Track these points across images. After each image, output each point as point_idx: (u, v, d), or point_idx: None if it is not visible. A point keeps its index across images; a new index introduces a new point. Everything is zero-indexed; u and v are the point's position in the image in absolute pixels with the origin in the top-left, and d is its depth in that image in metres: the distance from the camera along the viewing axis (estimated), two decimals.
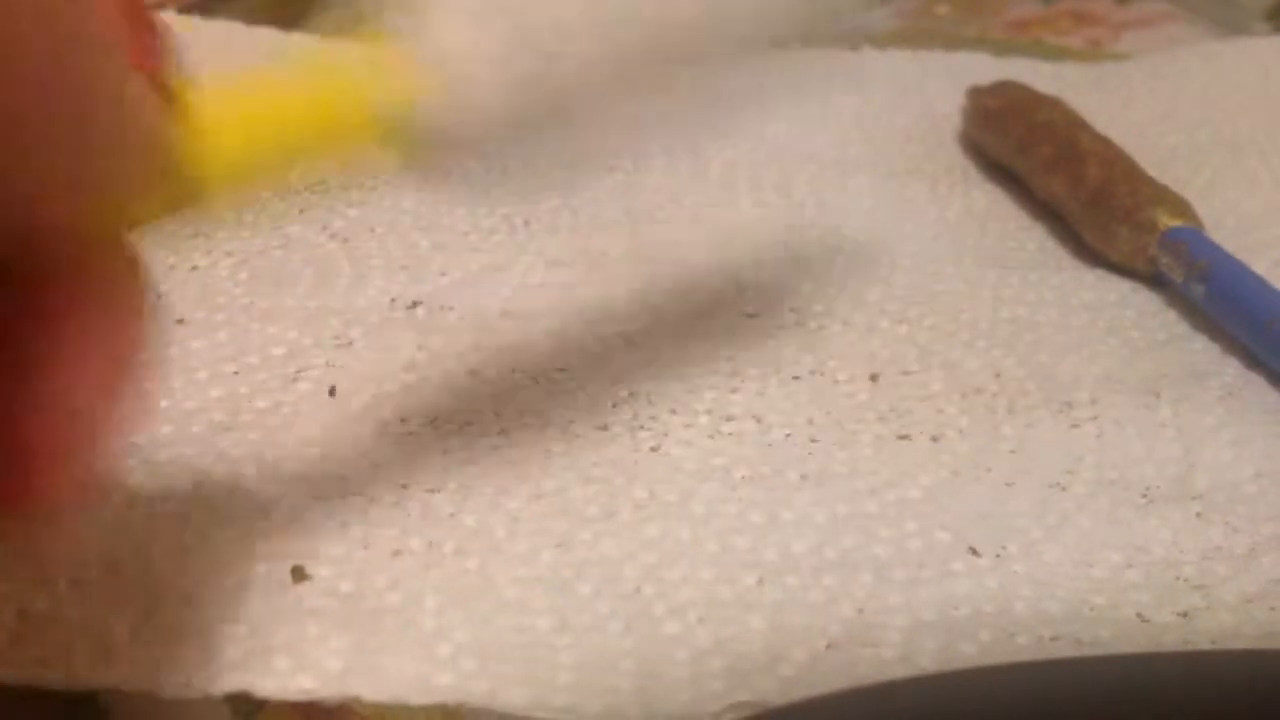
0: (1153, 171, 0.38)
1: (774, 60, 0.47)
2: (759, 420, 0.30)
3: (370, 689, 0.22)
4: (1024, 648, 0.24)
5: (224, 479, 0.27)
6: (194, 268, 0.34)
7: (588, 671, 0.23)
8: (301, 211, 0.37)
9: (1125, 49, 0.50)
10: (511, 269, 0.35)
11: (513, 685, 0.23)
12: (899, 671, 0.23)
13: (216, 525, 0.26)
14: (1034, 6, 0.53)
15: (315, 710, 0.24)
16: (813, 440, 0.29)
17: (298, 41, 0.47)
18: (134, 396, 0.19)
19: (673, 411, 0.30)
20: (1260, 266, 0.35)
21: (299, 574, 0.25)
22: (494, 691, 0.22)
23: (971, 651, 0.24)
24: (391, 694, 0.22)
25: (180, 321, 0.32)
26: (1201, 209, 0.37)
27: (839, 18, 0.27)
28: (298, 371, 0.30)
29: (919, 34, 0.51)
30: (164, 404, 0.29)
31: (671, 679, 0.23)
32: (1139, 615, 0.25)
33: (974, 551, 0.26)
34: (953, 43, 0.49)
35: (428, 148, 0.22)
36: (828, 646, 0.24)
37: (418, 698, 0.22)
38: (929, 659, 0.24)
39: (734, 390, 0.31)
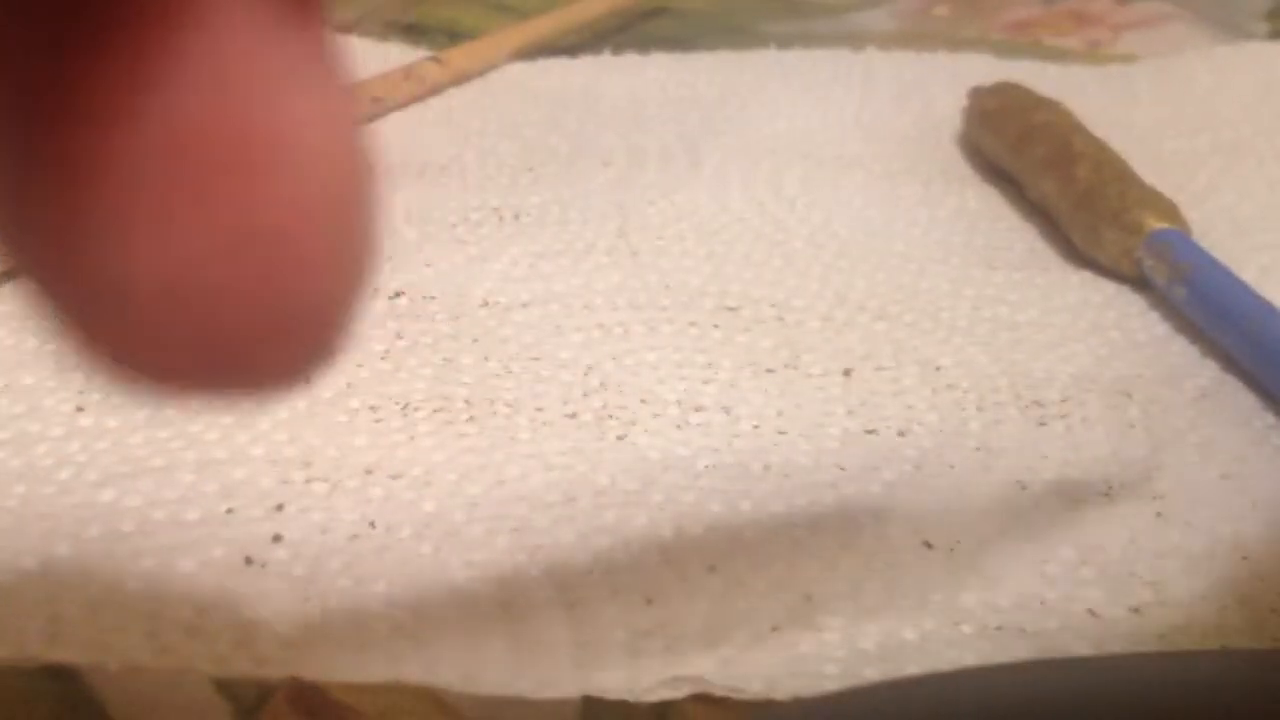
0: (1150, 175, 0.38)
1: (777, 60, 0.48)
2: (728, 411, 0.30)
3: (306, 667, 0.23)
4: (967, 636, 0.24)
5: (193, 462, 0.28)
6: None
7: (525, 648, 0.23)
8: None
9: (1125, 50, 0.50)
10: (497, 260, 0.35)
11: (447, 662, 0.23)
12: (840, 654, 0.24)
13: (183, 507, 0.27)
14: (1033, 7, 0.53)
15: (316, 706, 0.24)
16: (780, 432, 0.30)
17: None
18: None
19: (643, 401, 0.30)
20: (1249, 271, 0.35)
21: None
22: (428, 668, 0.23)
23: (914, 638, 0.24)
24: (325, 673, 0.23)
25: None
26: (1195, 213, 0.37)
27: None
28: None
29: (918, 35, 0.51)
30: None
31: (610, 656, 0.23)
32: (1089, 610, 0.25)
33: (928, 545, 0.27)
34: (953, 44, 0.50)
35: None
36: (772, 629, 0.24)
37: (353, 676, 0.23)
38: (871, 642, 0.24)
39: (706, 381, 0.31)
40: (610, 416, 0.30)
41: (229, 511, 0.26)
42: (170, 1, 0.11)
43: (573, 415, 0.30)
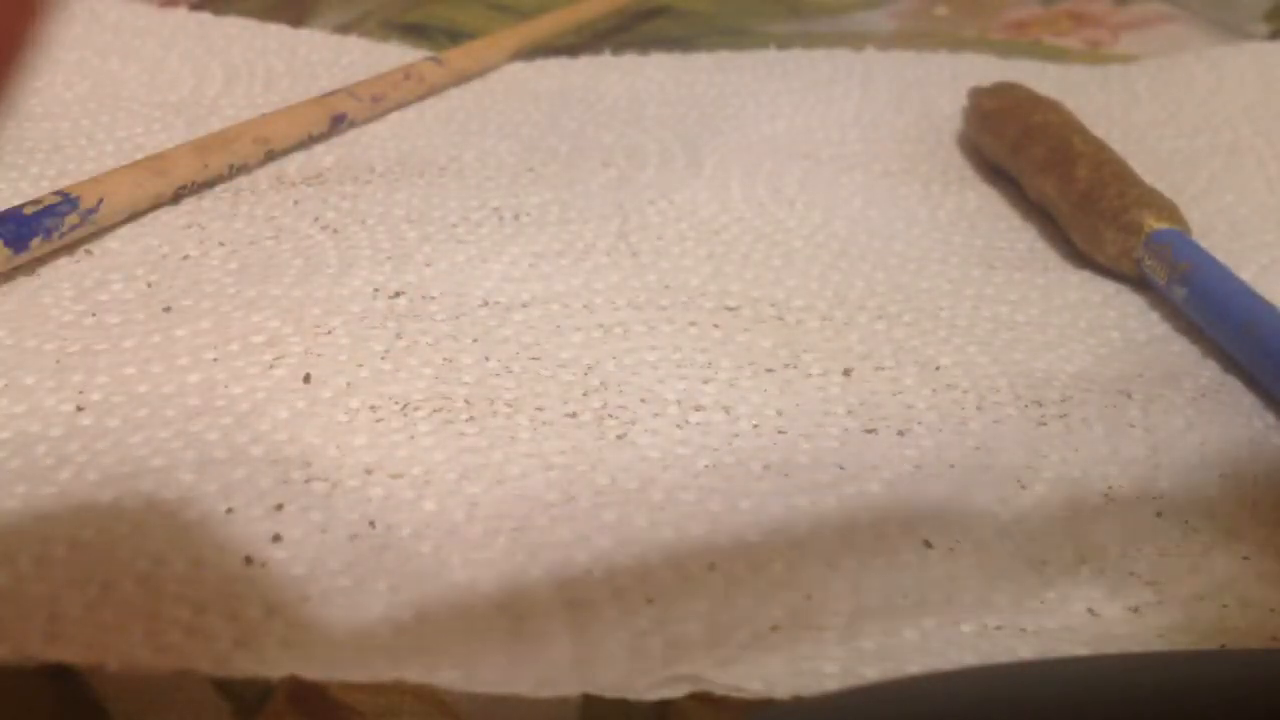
0: (1150, 175, 0.38)
1: (777, 60, 0.48)
2: (728, 411, 0.30)
3: (305, 666, 0.23)
4: (967, 635, 0.24)
5: (193, 462, 0.28)
6: (185, 257, 0.35)
7: (526, 647, 0.23)
8: (296, 203, 0.38)
9: (1124, 50, 0.50)
10: (497, 260, 0.35)
11: (448, 662, 0.23)
12: (840, 654, 0.24)
13: (182, 508, 0.27)
14: (1033, 7, 0.53)
15: (316, 706, 0.24)
16: (780, 432, 0.30)
17: (306, 38, 0.47)
18: None
19: (643, 400, 0.30)
20: (1248, 271, 0.36)
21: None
22: (429, 668, 0.23)
23: (914, 637, 0.24)
24: (325, 672, 0.23)
25: (167, 310, 0.33)
26: (1195, 214, 0.38)
27: None
28: (275, 359, 0.31)
29: (918, 35, 0.51)
30: (143, 389, 0.30)
31: (610, 654, 0.23)
32: (1089, 610, 0.25)
33: (927, 544, 0.27)
34: (952, 44, 0.50)
35: None
36: (772, 628, 0.24)
37: (353, 676, 0.23)
38: (871, 642, 0.24)
39: (706, 381, 0.31)
40: (610, 416, 0.30)
41: (229, 511, 0.26)
42: None
43: (573, 415, 0.30)
